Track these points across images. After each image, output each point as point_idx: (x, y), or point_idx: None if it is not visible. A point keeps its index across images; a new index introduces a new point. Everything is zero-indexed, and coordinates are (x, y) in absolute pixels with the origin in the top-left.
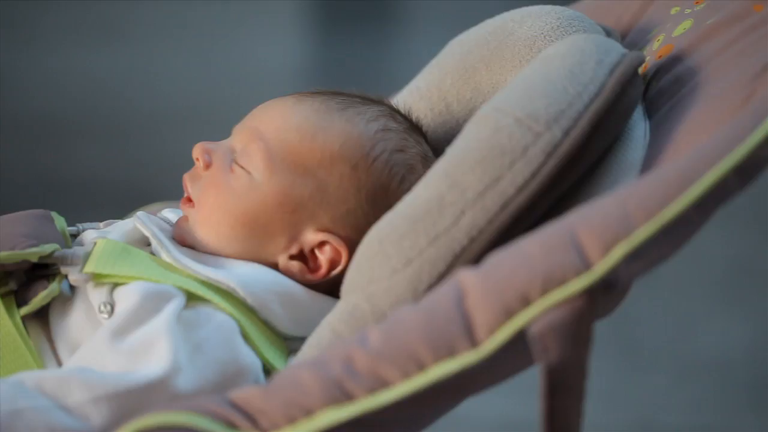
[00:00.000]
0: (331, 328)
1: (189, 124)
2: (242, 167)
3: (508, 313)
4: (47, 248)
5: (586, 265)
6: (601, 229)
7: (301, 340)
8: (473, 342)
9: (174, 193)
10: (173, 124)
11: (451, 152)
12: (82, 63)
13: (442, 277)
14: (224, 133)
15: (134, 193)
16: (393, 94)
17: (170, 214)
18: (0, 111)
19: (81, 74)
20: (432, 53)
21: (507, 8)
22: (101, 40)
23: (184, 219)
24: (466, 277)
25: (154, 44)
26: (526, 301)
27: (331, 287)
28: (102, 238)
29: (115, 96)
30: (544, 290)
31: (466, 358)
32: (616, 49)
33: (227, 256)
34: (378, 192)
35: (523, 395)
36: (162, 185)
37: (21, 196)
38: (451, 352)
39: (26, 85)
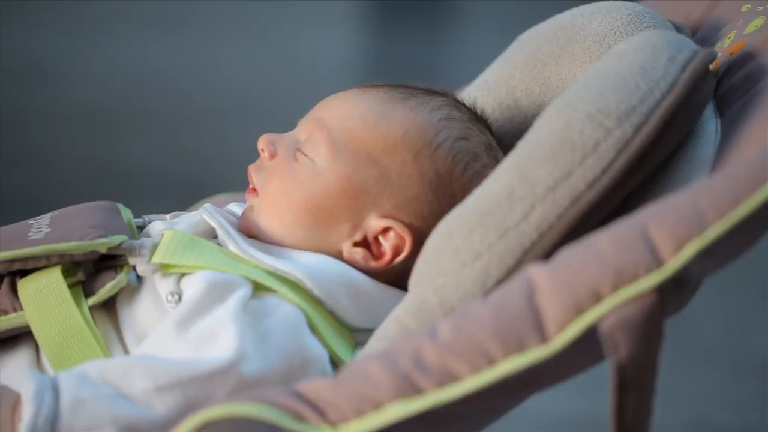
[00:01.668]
0: (399, 321)
1: (243, 117)
2: (306, 155)
3: (579, 309)
4: (116, 239)
5: (657, 262)
6: (673, 226)
7: (368, 332)
8: (543, 337)
9: (229, 185)
10: (228, 117)
11: (522, 147)
12: (139, 53)
13: (511, 271)
14: (278, 126)
15: (189, 185)
16: (460, 89)
17: (236, 207)
18: (57, 101)
19: (137, 65)
20: (486, 50)
21: (564, 7)
22: (158, 30)
23: (249, 209)
24: (537, 272)
25: (211, 36)
26: (596, 298)
27: (396, 277)
28: (169, 230)
29: (171, 87)
30: (615, 286)
31: (536, 353)
32: (688, 45)
33: (291, 245)
34: (441, 179)
35: (585, 392)
36: (216, 177)
37: (76, 187)
38: (520, 348)
39: (83, 75)
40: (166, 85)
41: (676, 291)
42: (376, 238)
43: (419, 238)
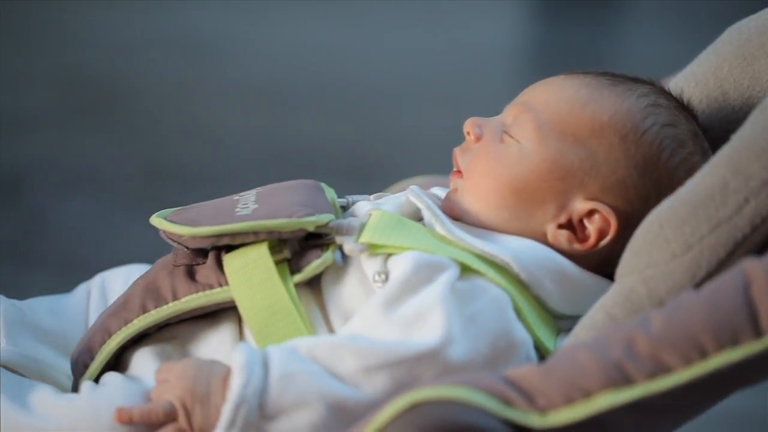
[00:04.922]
0: (606, 311)
1: (412, 101)
2: (512, 137)
3: None
4: (324, 218)
5: None
6: None
7: (570, 319)
8: (758, 332)
9: (398, 167)
10: (397, 101)
11: (736, 140)
12: (311, 34)
13: (722, 264)
14: (445, 111)
15: (357, 166)
16: (666, 79)
17: (439, 191)
18: (228, 79)
19: (308, 45)
20: (651, 43)
21: (730, 5)
22: (330, 12)
23: (453, 191)
24: (752, 265)
25: (382, 20)
26: None
27: (598, 263)
28: (377, 210)
29: (340, 69)
30: None
31: (750, 348)
32: None
33: (495, 226)
34: (648, 163)
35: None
36: (384, 159)
37: (245, 165)
38: (734, 341)
39: (255, 54)
40: (336, 66)
41: None
42: (580, 220)
43: (624, 222)
